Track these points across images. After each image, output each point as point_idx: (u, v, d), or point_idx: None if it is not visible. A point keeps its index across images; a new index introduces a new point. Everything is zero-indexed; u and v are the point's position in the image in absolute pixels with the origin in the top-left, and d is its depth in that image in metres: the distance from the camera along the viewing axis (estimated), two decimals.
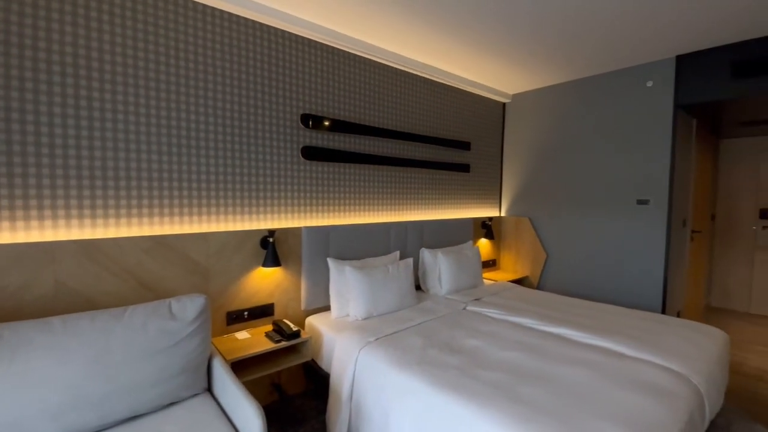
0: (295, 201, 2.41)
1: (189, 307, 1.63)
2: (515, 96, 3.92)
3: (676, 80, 2.84)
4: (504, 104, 4.02)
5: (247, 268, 2.16)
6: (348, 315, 2.35)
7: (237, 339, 2.03)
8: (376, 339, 1.96)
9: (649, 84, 2.97)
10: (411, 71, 3.06)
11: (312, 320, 2.34)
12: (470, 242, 3.47)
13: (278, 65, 2.29)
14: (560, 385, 1.50)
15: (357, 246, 2.60)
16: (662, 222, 2.93)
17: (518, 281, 3.72)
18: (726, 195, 4.46)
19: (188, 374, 1.57)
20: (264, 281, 2.24)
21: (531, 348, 1.86)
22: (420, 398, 1.50)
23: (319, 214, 2.54)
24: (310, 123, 2.41)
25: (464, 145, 3.58)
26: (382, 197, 2.92)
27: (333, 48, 2.54)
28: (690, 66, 2.78)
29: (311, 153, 2.44)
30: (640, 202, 3.04)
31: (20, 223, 1.57)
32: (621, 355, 1.80)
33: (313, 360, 2.25)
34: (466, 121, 3.63)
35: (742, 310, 4.37)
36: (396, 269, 2.52)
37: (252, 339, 2.03)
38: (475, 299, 2.74)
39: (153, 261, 1.84)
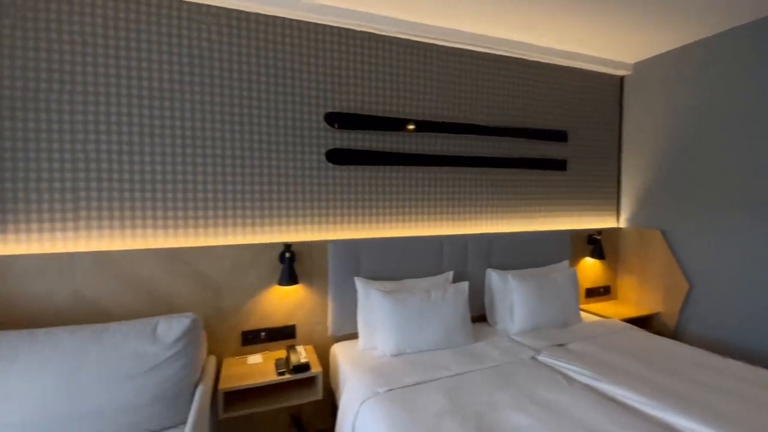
0: (322, 211, 2.14)
1: (174, 327, 1.51)
2: (638, 65, 2.89)
3: None
4: (621, 78, 3.01)
5: (265, 284, 1.97)
6: (375, 348, 1.94)
7: (246, 363, 1.84)
8: (388, 390, 1.51)
9: None
10: (472, 48, 2.48)
11: (337, 349, 2.01)
12: (566, 262, 2.64)
13: (293, 60, 2.05)
14: None
15: (395, 264, 2.18)
16: None
17: (642, 320, 2.66)
18: None
19: (164, 403, 1.42)
20: (284, 300, 2.02)
21: None
22: None
23: (351, 226, 2.21)
24: (336, 124, 2.11)
25: (558, 136, 2.77)
26: (435, 205, 2.42)
27: (360, 32, 2.19)
28: None
29: (339, 156, 2.13)
30: None
31: (46, 235, 1.68)
32: None
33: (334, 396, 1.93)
34: (559, 105, 2.81)
35: None
36: (440, 295, 2.00)
37: (261, 366, 1.82)
38: (557, 345, 1.99)
39: (165, 274, 1.79)
